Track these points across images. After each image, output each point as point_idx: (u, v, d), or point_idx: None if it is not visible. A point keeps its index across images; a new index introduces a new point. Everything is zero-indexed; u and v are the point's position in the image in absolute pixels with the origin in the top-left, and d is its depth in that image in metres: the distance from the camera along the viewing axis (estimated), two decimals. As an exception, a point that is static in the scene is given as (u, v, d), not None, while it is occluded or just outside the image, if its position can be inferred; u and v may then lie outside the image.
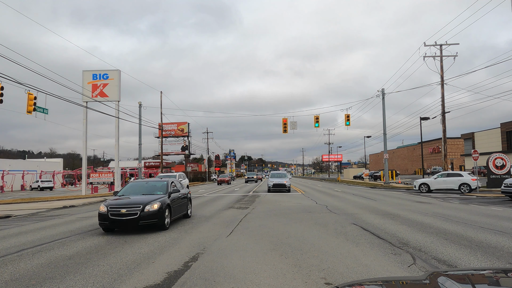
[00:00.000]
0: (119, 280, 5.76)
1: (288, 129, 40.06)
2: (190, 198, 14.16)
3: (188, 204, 13.66)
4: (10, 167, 54.60)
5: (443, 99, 31.48)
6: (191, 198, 14.49)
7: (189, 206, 13.88)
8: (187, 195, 13.72)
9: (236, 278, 5.70)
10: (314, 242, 8.44)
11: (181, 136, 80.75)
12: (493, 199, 20.40)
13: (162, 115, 45.95)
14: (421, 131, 40.56)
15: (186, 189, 14.08)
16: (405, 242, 8.34)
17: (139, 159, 42.88)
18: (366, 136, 69.47)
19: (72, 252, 8.01)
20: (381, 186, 38.04)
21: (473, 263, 6.50)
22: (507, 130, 60.02)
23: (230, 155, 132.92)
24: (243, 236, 9.50)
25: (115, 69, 36.12)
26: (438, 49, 31.47)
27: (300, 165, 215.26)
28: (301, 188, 36.60)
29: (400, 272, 5.93)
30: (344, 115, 39.37)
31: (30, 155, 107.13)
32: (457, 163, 71.25)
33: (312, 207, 16.93)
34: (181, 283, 5.52)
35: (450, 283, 1.87)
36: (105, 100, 35.13)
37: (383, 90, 41.02)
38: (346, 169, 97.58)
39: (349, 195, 25.03)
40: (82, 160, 36.50)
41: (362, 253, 7.28)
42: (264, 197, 23.75)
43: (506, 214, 13.26)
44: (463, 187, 25.58)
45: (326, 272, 5.92)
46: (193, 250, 7.82)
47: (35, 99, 23.02)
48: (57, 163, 75.68)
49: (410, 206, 16.90)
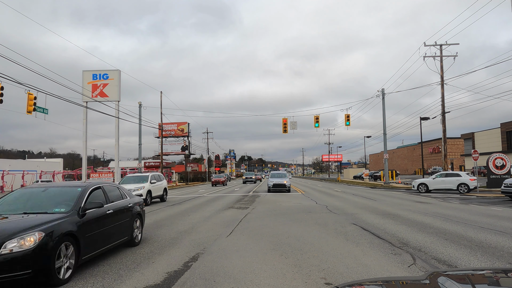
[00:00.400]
0: (119, 280, 5.76)
1: (288, 129, 40.07)
2: (140, 213, 8.99)
3: (133, 224, 8.45)
4: (10, 167, 54.59)
5: (443, 99, 31.48)
6: (143, 213, 9.24)
7: (137, 227, 8.66)
8: (132, 207, 8.53)
9: (236, 278, 5.70)
10: (314, 242, 8.44)
11: (181, 136, 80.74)
12: (493, 199, 20.41)
13: (162, 115, 45.99)
14: (421, 131, 40.61)
15: (134, 199, 9.05)
16: (405, 242, 8.34)
17: (139, 159, 42.90)
18: (366, 136, 69.47)
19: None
20: (381, 186, 38.04)
21: (473, 263, 6.50)
22: (507, 130, 60.04)
23: (230, 155, 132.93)
24: (243, 236, 9.50)
25: (115, 69, 36.13)
26: (438, 49, 31.47)
27: (300, 165, 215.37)
28: (301, 188, 36.60)
29: (400, 272, 5.93)
30: (344, 115, 39.40)
31: (30, 155, 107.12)
32: (457, 163, 71.25)
33: (312, 207, 16.93)
34: (181, 283, 5.52)
35: (450, 283, 1.87)
36: (105, 100, 35.13)
37: (383, 90, 41.04)
38: (346, 169, 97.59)
39: (349, 195, 25.04)
40: (82, 160, 36.49)
41: (362, 253, 7.28)
42: (264, 197, 23.75)
43: (506, 214, 13.26)
44: (462, 187, 25.59)
45: (326, 272, 5.93)
46: (193, 250, 7.82)
47: (35, 99, 23.02)
48: (57, 163, 75.63)
49: (410, 206, 16.90)
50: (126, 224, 8.12)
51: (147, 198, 19.32)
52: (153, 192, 20.72)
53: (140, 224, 8.95)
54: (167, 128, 73.75)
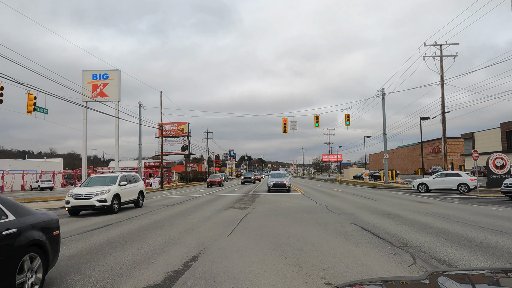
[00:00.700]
0: (119, 280, 5.76)
1: (288, 129, 40.08)
2: (43, 244, 5.15)
3: (15, 269, 4.47)
4: (10, 167, 54.60)
5: (443, 99, 31.48)
6: (50, 243, 5.39)
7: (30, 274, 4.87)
8: (15, 236, 4.60)
9: (236, 278, 5.70)
10: (314, 242, 8.44)
11: (181, 136, 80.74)
12: (493, 199, 20.41)
13: (162, 115, 45.98)
14: (421, 131, 40.62)
15: (28, 218, 5.05)
16: (405, 242, 8.34)
17: (139, 159, 42.89)
18: (366, 136, 69.46)
19: (72, 252, 8.00)
20: (381, 186, 38.04)
21: (473, 263, 6.50)
22: (507, 130, 60.03)
23: (230, 155, 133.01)
24: (243, 236, 9.50)
25: (115, 69, 36.16)
26: (438, 49, 31.47)
27: (300, 165, 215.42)
28: (301, 188, 36.60)
29: (400, 272, 5.93)
30: (344, 115, 39.39)
31: (30, 155, 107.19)
32: (457, 163, 71.26)
33: (312, 207, 16.93)
34: (181, 283, 5.52)
35: (450, 283, 1.87)
36: (105, 100, 35.15)
37: (383, 90, 41.04)
38: (346, 169, 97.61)
39: (349, 195, 25.04)
40: (82, 160, 36.51)
41: (362, 253, 7.28)
42: (264, 197, 23.75)
43: (506, 214, 13.26)
44: (462, 187, 25.59)
45: (326, 272, 5.92)
46: (193, 250, 7.82)
47: (35, 99, 23.01)
48: (57, 163, 75.67)
49: (410, 206, 16.90)
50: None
51: (113, 204, 16.00)
52: (123, 196, 17.16)
53: (40, 266, 5.08)
54: (167, 128, 73.77)
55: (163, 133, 52.55)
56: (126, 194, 17.51)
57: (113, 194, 16.19)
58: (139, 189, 19.09)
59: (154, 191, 39.77)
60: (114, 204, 16.14)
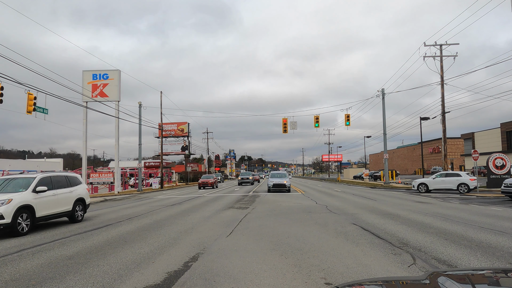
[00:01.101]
0: (119, 280, 5.76)
1: (288, 129, 40.09)
2: None
3: None
4: (10, 167, 54.53)
5: (443, 99, 31.49)
6: None
7: None
8: None
9: (236, 278, 5.70)
10: (314, 242, 8.44)
11: (181, 136, 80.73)
12: (493, 199, 20.41)
13: (162, 115, 45.99)
14: (421, 131, 40.61)
15: None
16: (405, 242, 8.34)
17: (139, 159, 42.88)
18: (366, 136, 69.46)
19: (72, 252, 8.00)
20: (381, 186, 38.04)
21: (473, 263, 6.50)
22: (507, 130, 60.03)
23: (230, 155, 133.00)
24: (243, 236, 9.50)
25: (115, 69, 36.15)
26: (438, 49, 31.47)
27: (300, 165, 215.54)
28: (301, 188, 36.61)
29: (400, 272, 5.93)
30: (344, 115, 39.41)
31: (30, 155, 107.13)
32: (457, 163, 71.26)
33: (312, 207, 16.93)
34: (181, 283, 5.52)
35: (450, 283, 1.87)
36: (105, 100, 35.15)
37: (383, 90, 41.04)
38: (346, 169, 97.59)
39: (349, 195, 25.04)
40: (82, 160, 36.50)
41: (362, 253, 7.28)
42: (264, 197, 23.75)
43: (506, 214, 13.27)
44: (462, 187, 25.59)
45: (326, 272, 5.93)
46: (193, 250, 7.82)
47: (35, 99, 23.02)
48: (57, 163, 75.57)
49: (410, 206, 16.90)
50: None
51: (15, 221, 10.45)
52: (43, 208, 11.72)
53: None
54: (167, 128, 73.75)
55: (163, 133, 52.55)
56: (48, 204, 12.05)
57: (17, 205, 10.65)
58: (76, 196, 13.52)
59: (154, 191, 39.81)
60: (20, 222, 10.71)
